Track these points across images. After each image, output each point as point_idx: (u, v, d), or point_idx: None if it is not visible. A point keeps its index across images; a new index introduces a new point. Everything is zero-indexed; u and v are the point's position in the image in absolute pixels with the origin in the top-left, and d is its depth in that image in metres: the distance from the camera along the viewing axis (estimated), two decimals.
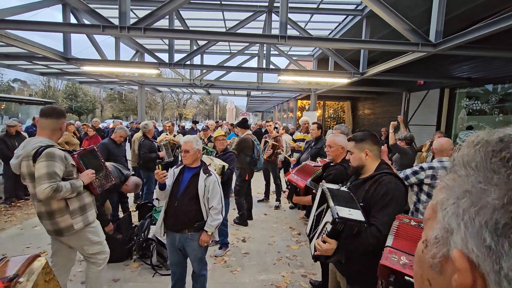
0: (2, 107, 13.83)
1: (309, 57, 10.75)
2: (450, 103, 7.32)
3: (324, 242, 1.42)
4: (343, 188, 1.62)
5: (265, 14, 5.97)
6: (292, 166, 5.74)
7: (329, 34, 7.91)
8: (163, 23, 5.42)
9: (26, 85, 36.04)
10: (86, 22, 5.50)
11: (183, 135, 9.42)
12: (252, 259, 3.52)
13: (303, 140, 5.56)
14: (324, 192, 1.55)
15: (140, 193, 5.42)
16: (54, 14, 22.43)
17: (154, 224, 3.71)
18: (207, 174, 2.33)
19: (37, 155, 1.91)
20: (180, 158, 4.73)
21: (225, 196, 3.22)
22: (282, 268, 3.33)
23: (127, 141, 6.68)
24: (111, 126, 11.83)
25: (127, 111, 40.75)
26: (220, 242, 3.66)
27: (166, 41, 7.91)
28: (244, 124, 4.78)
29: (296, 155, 5.34)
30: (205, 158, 3.27)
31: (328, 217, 1.42)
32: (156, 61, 6.67)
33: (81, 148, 2.29)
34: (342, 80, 7.08)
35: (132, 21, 4.01)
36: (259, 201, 5.85)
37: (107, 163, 3.04)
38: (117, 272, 3.09)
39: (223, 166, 3.30)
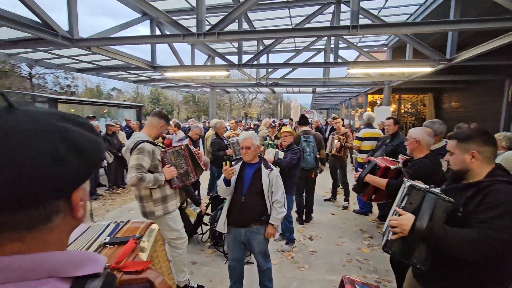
0: (105, 112, 16.82)
1: (382, 47, 9.85)
2: None
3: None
4: (435, 190, 1.37)
5: (333, 6, 5.72)
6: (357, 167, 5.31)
7: (407, 19, 7.10)
8: (233, 27, 5.71)
9: (121, 93, 42.84)
10: (167, 32, 6.20)
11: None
12: (319, 258, 3.45)
13: (373, 138, 4.99)
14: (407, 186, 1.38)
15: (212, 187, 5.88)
16: (138, 28, 26.04)
17: None
18: (269, 169, 2.37)
19: (133, 148, 2.29)
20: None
21: (288, 192, 3.11)
22: (352, 270, 3.17)
23: (200, 138, 7.31)
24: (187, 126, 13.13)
25: (199, 112, 44.48)
26: (287, 238, 3.70)
27: (235, 44, 8.33)
28: (302, 120, 4.70)
29: (362, 155, 4.73)
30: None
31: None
32: (226, 63, 7.08)
33: (172, 146, 2.56)
34: (424, 69, 6.27)
35: (203, 28, 4.33)
36: (325, 200, 5.68)
37: None
38: (194, 256, 3.43)
39: (276, 152, 3.53)
